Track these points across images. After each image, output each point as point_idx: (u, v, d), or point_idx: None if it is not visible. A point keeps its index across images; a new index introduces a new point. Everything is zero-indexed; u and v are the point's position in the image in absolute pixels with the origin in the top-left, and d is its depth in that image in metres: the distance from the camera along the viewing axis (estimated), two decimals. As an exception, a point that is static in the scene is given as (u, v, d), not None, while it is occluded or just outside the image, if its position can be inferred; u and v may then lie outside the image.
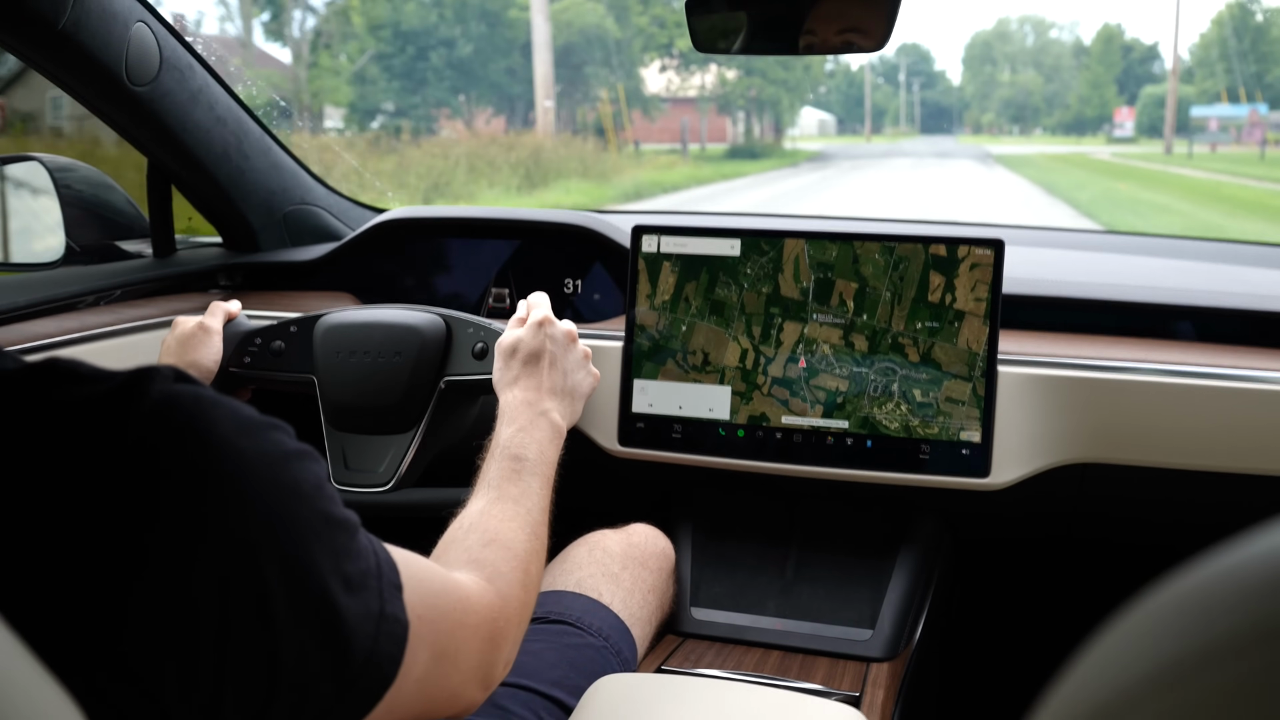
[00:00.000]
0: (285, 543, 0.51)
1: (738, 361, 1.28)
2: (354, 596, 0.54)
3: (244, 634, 0.48)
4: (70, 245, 1.48)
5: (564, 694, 0.95)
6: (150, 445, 0.48)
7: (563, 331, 1.07)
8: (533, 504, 0.84)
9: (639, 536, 1.23)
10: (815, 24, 1.05)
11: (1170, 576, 0.25)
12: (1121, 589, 0.58)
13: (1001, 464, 1.21)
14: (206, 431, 0.50)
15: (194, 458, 0.49)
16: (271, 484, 0.51)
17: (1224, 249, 1.59)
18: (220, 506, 0.49)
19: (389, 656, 0.56)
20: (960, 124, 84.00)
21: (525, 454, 0.90)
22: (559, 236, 1.52)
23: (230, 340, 1.25)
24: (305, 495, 0.53)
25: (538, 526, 0.83)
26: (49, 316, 1.35)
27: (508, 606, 0.72)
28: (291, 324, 1.26)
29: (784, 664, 1.18)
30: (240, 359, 1.25)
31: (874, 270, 1.25)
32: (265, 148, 1.62)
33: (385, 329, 1.21)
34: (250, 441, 0.51)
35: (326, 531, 0.53)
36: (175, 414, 0.49)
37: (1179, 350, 1.25)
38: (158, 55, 1.37)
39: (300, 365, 1.25)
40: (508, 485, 0.85)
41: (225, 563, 0.48)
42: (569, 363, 1.05)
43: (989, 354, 1.21)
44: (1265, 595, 0.21)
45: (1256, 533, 0.24)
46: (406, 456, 1.21)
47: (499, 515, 0.81)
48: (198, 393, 0.51)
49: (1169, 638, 0.23)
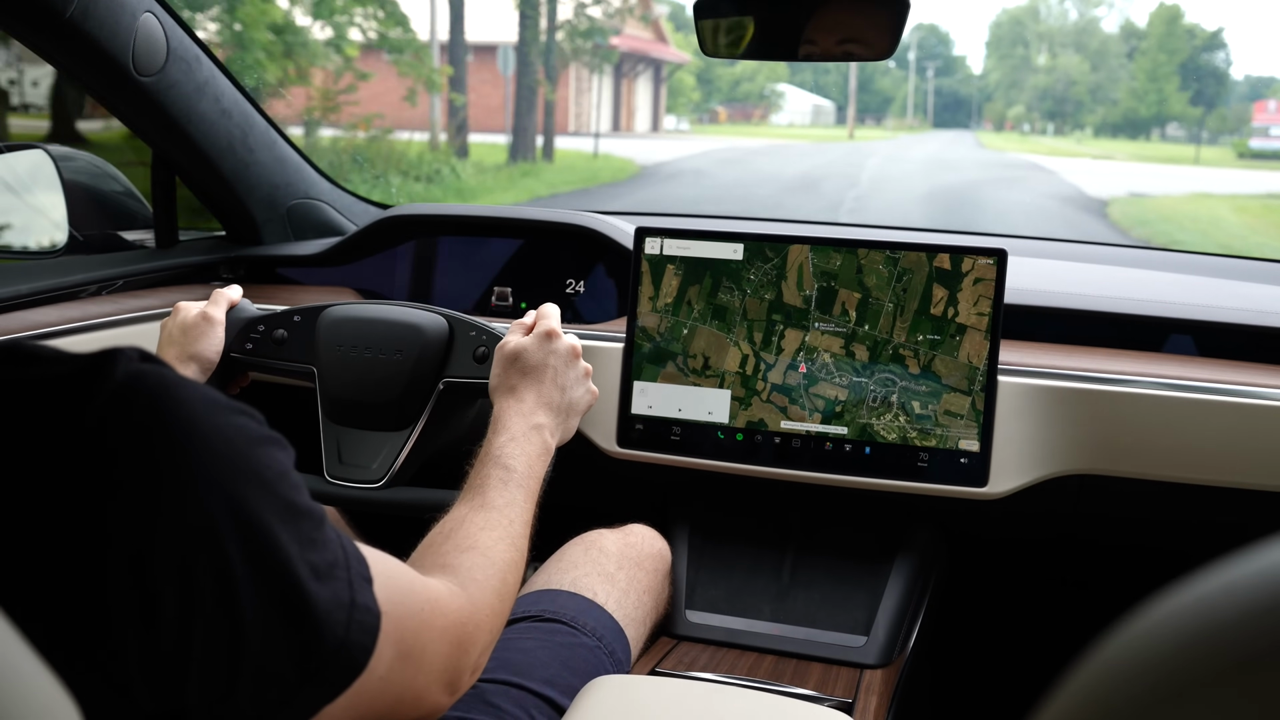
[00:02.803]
0: (247, 525, 0.50)
1: (738, 367, 1.28)
2: (323, 584, 0.54)
3: (207, 616, 0.48)
4: (73, 234, 1.49)
5: (556, 693, 0.95)
6: (112, 425, 0.48)
7: (567, 346, 1.04)
8: (515, 515, 0.84)
9: (636, 537, 1.23)
10: (815, 34, 1.06)
11: (1167, 592, 0.25)
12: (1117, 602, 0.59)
13: (999, 474, 1.21)
14: (169, 412, 0.50)
15: (155, 439, 0.49)
16: (233, 467, 0.51)
17: (1225, 264, 1.59)
18: (179, 488, 0.48)
19: (360, 646, 0.56)
20: (979, 118, 71.53)
21: (514, 465, 0.89)
22: (562, 236, 1.52)
23: (233, 325, 1.25)
24: (268, 481, 0.53)
25: (518, 539, 0.82)
26: (51, 305, 1.35)
27: (478, 613, 0.72)
28: (296, 314, 1.26)
29: (778, 669, 1.18)
30: (242, 345, 1.25)
31: (877, 281, 1.25)
32: (270, 141, 1.62)
33: (388, 326, 1.21)
34: (214, 424, 0.51)
35: (291, 519, 0.53)
36: (139, 395, 0.49)
37: (1179, 364, 1.25)
38: (165, 46, 1.37)
39: (301, 355, 1.25)
40: (493, 494, 0.85)
41: (185, 544, 0.48)
42: (569, 379, 1.03)
43: (989, 368, 1.21)
44: (1263, 614, 0.21)
45: (1255, 551, 0.24)
46: (401, 454, 1.21)
47: (480, 523, 0.80)
48: (162, 373, 0.51)
49: (1166, 654, 0.23)
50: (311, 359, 1.24)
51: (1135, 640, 0.24)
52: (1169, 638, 0.23)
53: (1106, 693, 0.24)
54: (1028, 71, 65.84)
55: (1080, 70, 61.46)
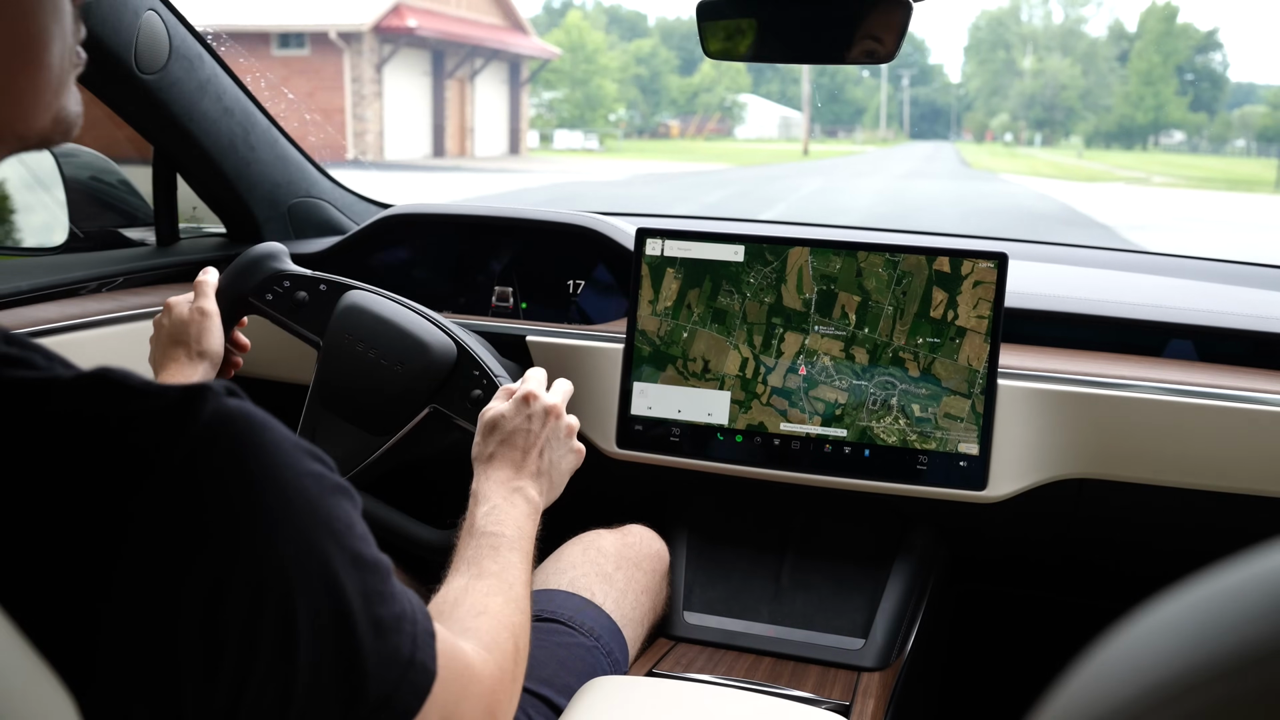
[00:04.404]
0: (317, 577, 0.50)
1: (738, 370, 1.28)
2: (383, 640, 0.54)
3: (266, 664, 0.48)
4: (74, 231, 1.49)
5: (552, 692, 0.95)
6: (195, 468, 0.48)
7: (546, 407, 0.99)
8: (515, 578, 0.82)
9: (634, 537, 1.23)
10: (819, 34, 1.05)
11: (1166, 594, 0.25)
12: (1117, 605, 0.58)
13: (999, 477, 1.21)
14: (253, 458, 0.50)
15: (235, 486, 0.49)
16: (308, 517, 0.51)
17: (1226, 269, 1.59)
18: (255, 536, 0.49)
19: (404, 707, 0.55)
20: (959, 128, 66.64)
21: (502, 530, 0.87)
22: (563, 237, 1.52)
23: (260, 271, 1.23)
24: (337, 532, 0.53)
25: (521, 600, 0.81)
26: (51, 301, 1.35)
27: (504, 678, 0.71)
28: (322, 282, 1.24)
29: (775, 671, 1.17)
30: (263, 294, 1.22)
31: (877, 284, 1.25)
32: (272, 140, 1.62)
33: (399, 334, 1.19)
34: (293, 471, 0.51)
35: (357, 571, 0.53)
36: (222, 438, 0.49)
37: (1179, 369, 1.25)
38: (167, 44, 1.37)
39: (312, 326, 1.23)
40: (487, 562, 0.83)
41: (257, 592, 0.48)
42: (550, 441, 0.99)
43: (989, 371, 1.21)
44: (1262, 617, 0.21)
45: (1254, 554, 0.24)
46: (370, 458, 1.20)
47: (483, 590, 0.79)
48: (248, 414, 0.51)
49: (1165, 656, 0.23)
50: (319, 333, 1.22)
51: (1133, 644, 0.24)
52: (1167, 641, 0.23)
53: (1104, 697, 0.24)
54: (1011, 76, 61.25)
55: (1070, 74, 56.59)
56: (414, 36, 19.45)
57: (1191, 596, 0.24)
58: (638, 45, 53.25)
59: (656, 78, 50.26)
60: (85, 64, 0.55)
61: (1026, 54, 61.42)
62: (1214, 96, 54.45)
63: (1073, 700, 0.25)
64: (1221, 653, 0.21)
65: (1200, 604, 0.23)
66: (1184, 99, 51.18)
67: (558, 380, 1.06)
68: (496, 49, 23.85)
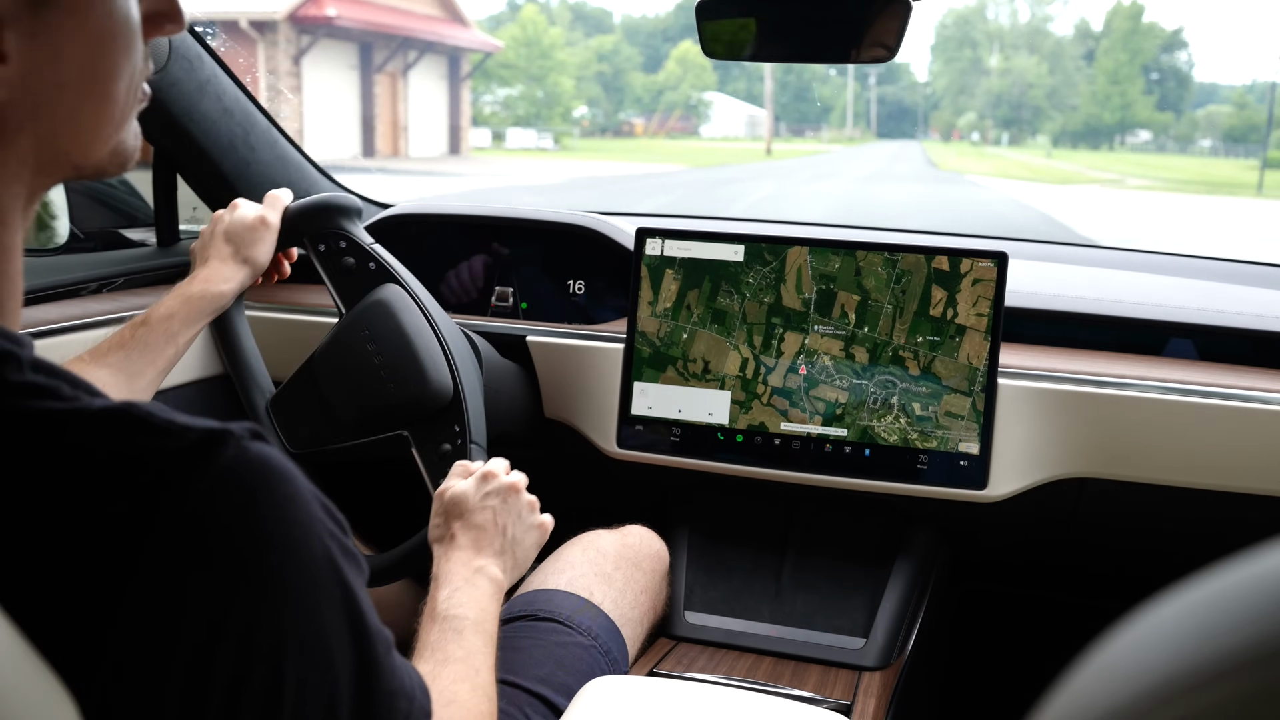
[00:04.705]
0: (309, 645, 0.50)
1: (738, 370, 1.28)
2: (370, 716, 0.53)
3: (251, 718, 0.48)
4: (74, 231, 1.49)
5: (550, 692, 0.95)
6: (205, 517, 0.47)
7: (505, 485, 0.97)
8: (480, 664, 0.81)
9: (634, 537, 1.22)
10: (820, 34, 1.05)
11: (1167, 593, 0.25)
12: (1118, 604, 0.58)
13: (999, 476, 1.21)
14: (265, 513, 0.49)
15: (241, 540, 0.48)
16: (313, 582, 0.50)
17: (1227, 268, 1.59)
18: (257, 594, 0.48)
19: None
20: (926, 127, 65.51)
21: (463, 613, 0.85)
22: (563, 237, 1.52)
23: (326, 221, 1.20)
24: (340, 600, 0.52)
25: (488, 687, 0.80)
26: (51, 302, 1.35)
27: None
28: (374, 260, 1.21)
29: (776, 670, 1.17)
30: (317, 242, 1.20)
31: (876, 283, 1.25)
32: (272, 140, 1.62)
33: (408, 353, 1.16)
34: (305, 530, 0.50)
35: (354, 644, 0.52)
36: (239, 489, 0.48)
37: (1180, 368, 1.25)
38: (167, 44, 1.37)
39: (345, 296, 1.21)
40: (451, 648, 0.81)
41: (250, 651, 0.48)
42: (510, 518, 0.96)
43: (989, 369, 1.21)
44: (1262, 617, 0.21)
45: (1254, 554, 0.24)
46: (328, 447, 1.19)
47: (450, 677, 0.78)
48: (268, 462, 0.50)
49: (1165, 656, 0.23)
50: (348, 306, 1.21)
51: (1133, 643, 0.24)
52: (1167, 641, 0.23)
53: (1104, 696, 0.24)
54: (978, 75, 60.13)
55: (1037, 73, 55.76)
56: (334, 27, 17.61)
57: (1192, 596, 0.24)
58: (600, 41, 52.23)
59: (620, 75, 49.02)
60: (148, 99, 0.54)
61: (993, 53, 60.81)
62: (1180, 96, 54.04)
63: (1073, 700, 0.25)
64: (1222, 653, 0.21)
65: (1200, 604, 0.23)
66: (1150, 98, 50.61)
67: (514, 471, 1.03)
68: (431, 41, 21.92)
